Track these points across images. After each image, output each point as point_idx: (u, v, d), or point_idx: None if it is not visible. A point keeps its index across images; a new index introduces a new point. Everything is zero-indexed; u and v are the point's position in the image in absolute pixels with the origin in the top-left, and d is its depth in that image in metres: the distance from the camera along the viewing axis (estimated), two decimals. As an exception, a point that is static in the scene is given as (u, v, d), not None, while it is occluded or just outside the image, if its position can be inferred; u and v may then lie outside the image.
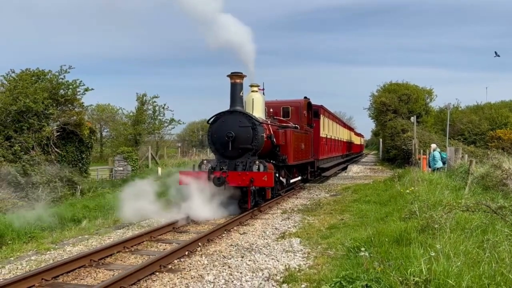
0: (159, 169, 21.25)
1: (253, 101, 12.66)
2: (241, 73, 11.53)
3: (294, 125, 14.71)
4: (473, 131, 31.40)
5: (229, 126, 11.08)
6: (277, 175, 12.00)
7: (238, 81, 11.50)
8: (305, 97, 16.25)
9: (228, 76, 11.53)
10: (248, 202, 10.63)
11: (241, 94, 11.59)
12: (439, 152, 16.61)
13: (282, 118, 15.12)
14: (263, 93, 13.76)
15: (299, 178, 15.58)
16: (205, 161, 11.52)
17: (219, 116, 11.46)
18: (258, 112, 12.56)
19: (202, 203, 10.24)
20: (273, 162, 12.04)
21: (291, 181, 14.27)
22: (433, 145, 17.20)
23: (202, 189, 10.38)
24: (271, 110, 14.58)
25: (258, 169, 10.67)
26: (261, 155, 11.61)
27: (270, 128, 12.39)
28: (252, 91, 13.06)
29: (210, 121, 11.70)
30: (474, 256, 4.98)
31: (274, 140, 12.16)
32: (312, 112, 17.27)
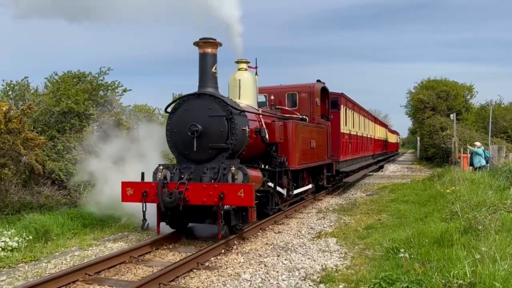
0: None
1: (239, 83, 9.31)
2: (214, 39, 8.06)
3: (300, 117, 11.58)
4: (517, 129, 30.08)
5: (194, 116, 7.84)
6: (270, 184, 8.98)
7: (209, 50, 8.04)
8: (318, 81, 12.97)
9: (195, 44, 8.13)
10: (219, 227, 7.16)
11: (213, 69, 8.16)
12: (483, 150, 16.07)
13: (286, 108, 11.94)
14: (256, 73, 10.11)
15: (310, 186, 12.02)
16: (161, 167, 7.83)
17: (181, 102, 8.14)
18: (248, 98, 9.29)
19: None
20: (267, 167, 9.05)
21: (296, 191, 10.73)
22: (477, 143, 16.69)
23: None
24: (272, 97, 11.56)
25: (232, 179, 7.26)
26: (246, 158, 8.52)
27: (262, 119, 9.16)
28: (239, 70, 9.52)
29: (168, 110, 8.48)
30: (523, 259, 4.76)
31: (267, 136, 8.89)
32: (329, 101, 13.77)
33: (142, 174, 7.92)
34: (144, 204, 7.42)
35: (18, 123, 9.45)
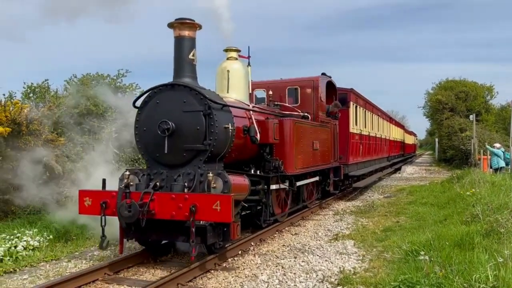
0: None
1: (228, 75, 8.13)
2: (192, 20, 6.75)
3: (302, 114, 10.20)
4: (539, 130, 29.43)
5: (166, 111, 6.55)
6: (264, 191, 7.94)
7: (186, 33, 6.73)
8: (324, 74, 11.71)
9: (169, 26, 6.82)
10: (194, 245, 5.73)
11: (191, 56, 6.83)
12: (503, 152, 15.82)
13: (287, 105, 10.53)
14: (249, 64, 8.81)
15: (316, 178, 10.87)
16: (127, 172, 6.51)
17: (151, 95, 6.83)
18: (238, 92, 8.10)
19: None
20: (258, 172, 7.88)
21: (300, 183, 9.52)
22: (497, 144, 16.46)
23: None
24: (271, 92, 10.20)
25: (208, 187, 6.04)
26: (233, 161, 7.37)
27: (253, 116, 7.82)
28: (228, 59, 8.28)
29: (137, 104, 7.15)
30: (547, 264, 4.65)
31: (258, 136, 7.55)
32: (337, 98, 12.43)
33: (103, 180, 6.66)
34: (103, 217, 6.15)
35: (38, 124, 9.64)
